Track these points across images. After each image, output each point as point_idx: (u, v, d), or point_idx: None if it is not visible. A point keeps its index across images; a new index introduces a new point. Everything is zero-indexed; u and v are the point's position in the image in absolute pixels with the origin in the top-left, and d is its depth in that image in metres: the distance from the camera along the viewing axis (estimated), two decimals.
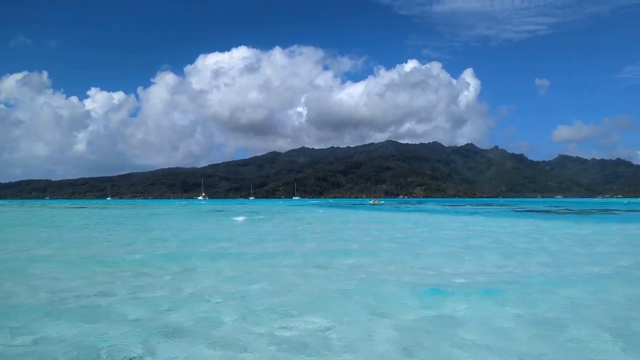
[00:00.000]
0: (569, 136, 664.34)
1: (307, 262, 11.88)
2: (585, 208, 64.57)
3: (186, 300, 7.57)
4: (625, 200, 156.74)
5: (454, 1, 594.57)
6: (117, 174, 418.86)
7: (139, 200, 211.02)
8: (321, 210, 56.33)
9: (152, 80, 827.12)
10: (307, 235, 20.48)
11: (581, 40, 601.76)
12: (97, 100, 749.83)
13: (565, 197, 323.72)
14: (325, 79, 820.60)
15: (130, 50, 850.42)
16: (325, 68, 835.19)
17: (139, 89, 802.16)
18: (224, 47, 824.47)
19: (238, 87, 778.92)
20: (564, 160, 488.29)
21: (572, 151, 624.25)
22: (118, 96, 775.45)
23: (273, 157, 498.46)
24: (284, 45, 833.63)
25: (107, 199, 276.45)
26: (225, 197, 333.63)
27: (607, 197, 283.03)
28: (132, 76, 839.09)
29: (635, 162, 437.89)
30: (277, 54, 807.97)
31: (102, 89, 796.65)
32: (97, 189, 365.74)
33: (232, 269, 10.80)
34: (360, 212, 49.37)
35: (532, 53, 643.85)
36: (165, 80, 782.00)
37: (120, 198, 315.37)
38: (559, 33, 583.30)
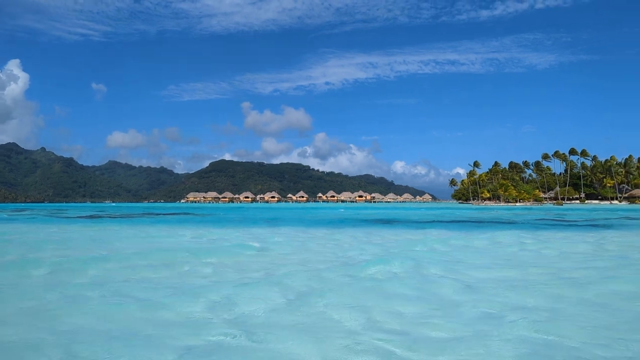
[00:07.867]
0: (123, 142, 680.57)
1: None
2: (134, 212, 70.19)
3: None
4: (169, 205, 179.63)
5: None
6: None
7: None
8: None
9: None
10: None
11: (134, 54, 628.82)
12: None
13: (114, 201, 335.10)
14: None
15: None
16: None
17: None
18: None
19: None
20: (113, 166, 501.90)
21: (125, 157, 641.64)
22: None
23: None
24: None
25: None
26: None
27: (151, 202, 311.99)
28: None
29: (175, 171, 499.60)
30: None
31: None
32: None
33: None
34: None
35: (87, 56, 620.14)
36: None
37: None
38: (113, 42, 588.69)
